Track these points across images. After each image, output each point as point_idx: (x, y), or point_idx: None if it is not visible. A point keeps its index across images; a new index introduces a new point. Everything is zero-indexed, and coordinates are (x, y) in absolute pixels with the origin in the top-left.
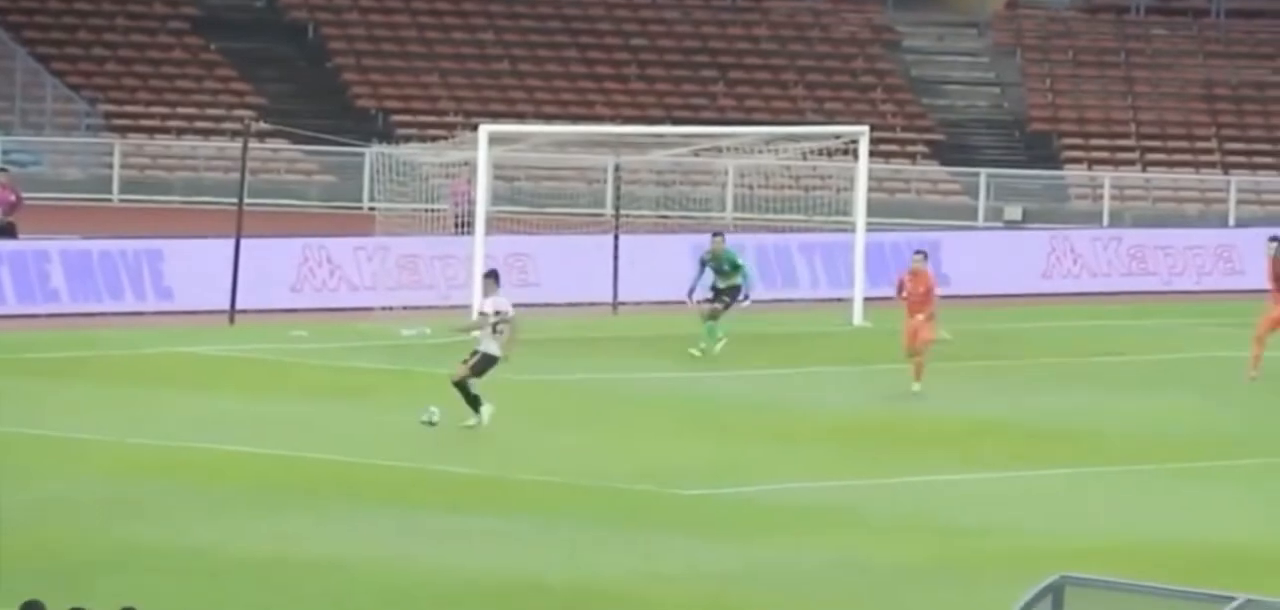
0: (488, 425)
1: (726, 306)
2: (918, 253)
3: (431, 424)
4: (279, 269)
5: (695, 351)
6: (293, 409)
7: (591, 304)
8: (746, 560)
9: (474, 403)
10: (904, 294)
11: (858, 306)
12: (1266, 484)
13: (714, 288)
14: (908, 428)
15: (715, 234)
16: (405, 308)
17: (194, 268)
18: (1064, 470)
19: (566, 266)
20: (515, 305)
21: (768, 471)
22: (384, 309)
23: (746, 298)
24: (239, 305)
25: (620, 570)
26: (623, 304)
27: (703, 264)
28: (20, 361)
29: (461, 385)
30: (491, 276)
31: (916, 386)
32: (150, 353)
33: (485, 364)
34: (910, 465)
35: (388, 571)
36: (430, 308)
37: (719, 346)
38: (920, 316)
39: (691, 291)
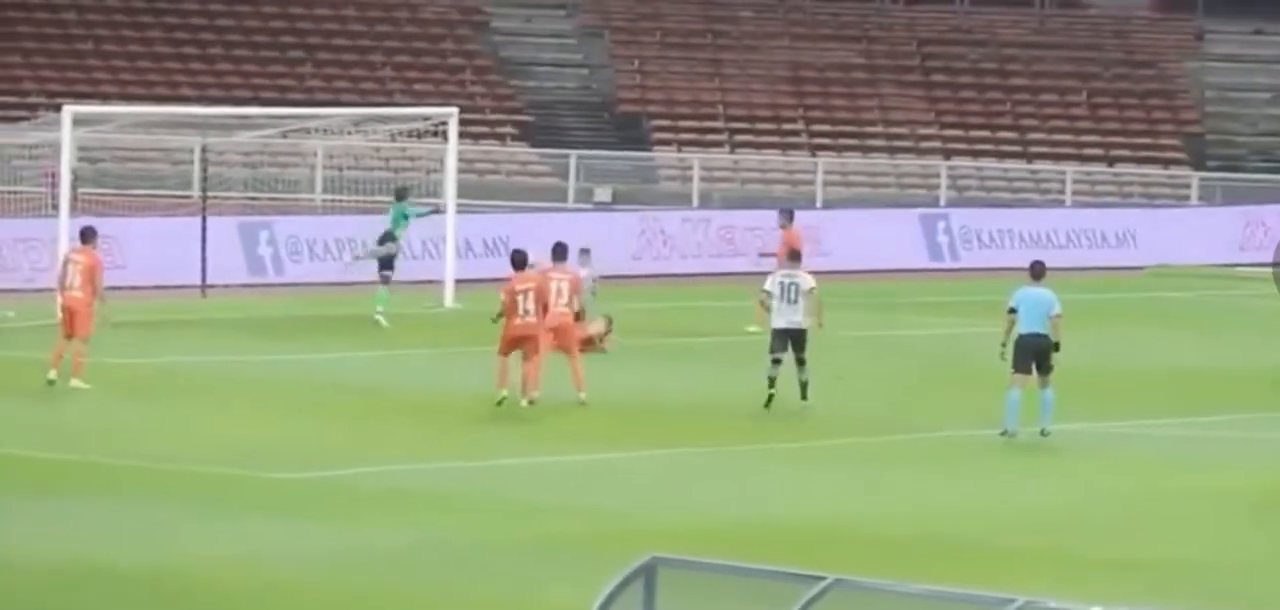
0: None
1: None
2: None
3: None
4: None
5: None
6: None
7: (180, 286)
8: (331, 543)
9: None
10: None
11: (449, 288)
12: (857, 462)
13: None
14: (495, 410)
15: (399, 190)
16: None
17: None
18: (658, 451)
19: (153, 249)
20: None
21: (355, 454)
22: None
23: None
24: None
25: (200, 554)
26: (211, 286)
27: (391, 233)
28: None
29: None
30: None
31: None
32: None
33: None
34: (498, 447)
35: None
36: (14, 292)
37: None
38: None
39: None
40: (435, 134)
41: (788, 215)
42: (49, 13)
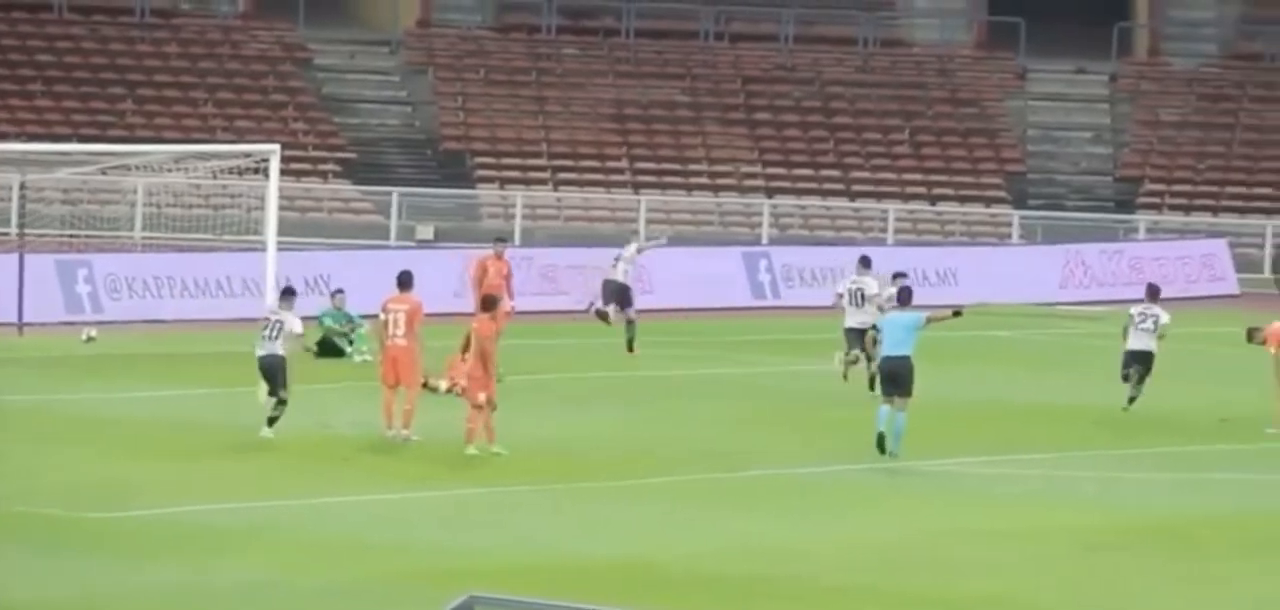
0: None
1: None
2: None
3: None
4: None
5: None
6: None
7: None
8: (155, 583)
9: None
10: None
11: None
12: (685, 499)
13: None
14: (321, 448)
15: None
16: None
17: None
18: (482, 489)
19: None
20: None
21: (177, 493)
22: None
23: None
24: None
25: (28, 598)
26: (28, 324)
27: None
28: None
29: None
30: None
31: None
32: None
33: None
34: (324, 485)
35: None
36: None
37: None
38: None
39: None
40: (256, 171)
41: (501, 243)
42: None
